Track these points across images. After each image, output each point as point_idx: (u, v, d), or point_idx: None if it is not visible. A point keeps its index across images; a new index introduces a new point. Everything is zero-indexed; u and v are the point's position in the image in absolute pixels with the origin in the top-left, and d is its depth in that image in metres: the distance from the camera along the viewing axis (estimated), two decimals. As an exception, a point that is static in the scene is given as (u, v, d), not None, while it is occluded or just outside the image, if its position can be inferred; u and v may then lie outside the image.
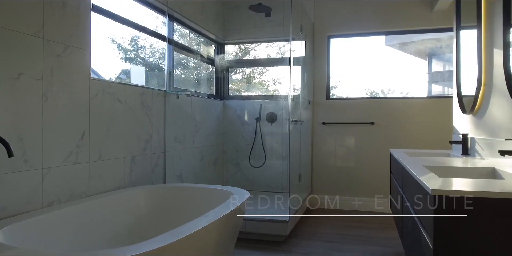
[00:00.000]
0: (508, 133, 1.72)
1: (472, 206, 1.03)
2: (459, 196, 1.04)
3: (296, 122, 3.05)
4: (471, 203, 1.03)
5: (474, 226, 1.03)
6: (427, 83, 3.92)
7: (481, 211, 1.03)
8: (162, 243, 1.22)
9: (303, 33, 3.34)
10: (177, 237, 1.29)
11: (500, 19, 1.78)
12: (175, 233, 1.34)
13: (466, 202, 1.03)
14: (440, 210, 1.05)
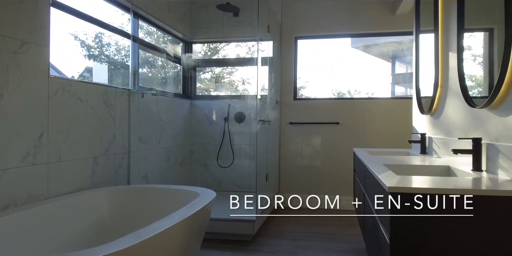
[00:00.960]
0: (462, 132, 1.81)
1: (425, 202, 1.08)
2: (413, 193, 1.09)
3: (264, 122, 3.07)
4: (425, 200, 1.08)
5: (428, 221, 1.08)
6: (391, 84, 4.06)
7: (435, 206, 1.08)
8: (124, 245, 1.20)
9: (271, 33, 3.37)
10: (140, 239, 1.27)
11: (454, 24, 1.88)
12: (138, 235, 1.32)
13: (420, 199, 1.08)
14: (395, 206, 1.09)
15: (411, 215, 1.08)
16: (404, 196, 1.09)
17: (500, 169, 1.33)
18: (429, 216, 1.08)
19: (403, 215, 1.09)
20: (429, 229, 1.08)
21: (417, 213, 1.08)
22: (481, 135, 1.56)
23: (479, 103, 1.54)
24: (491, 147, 1.41)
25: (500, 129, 1.39)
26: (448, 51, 2.04)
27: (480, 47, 1.72)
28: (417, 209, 1.08)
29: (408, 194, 1.09)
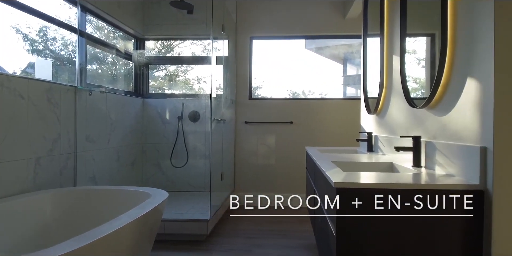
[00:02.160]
0: (404, 131, 1.92)
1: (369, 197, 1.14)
2: (358, 188, 1.14)
3: (219, 121, 3.06)
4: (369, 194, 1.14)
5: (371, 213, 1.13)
6: (343, 85, 4.21)
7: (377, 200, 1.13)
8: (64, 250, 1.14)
9: (226, 32, 3.37)
10: (83, 243, 1.21)
11: (398, 29, 1.99)
12: (82, 239, 1.26)
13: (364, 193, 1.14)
14: (342, 201, 1.14)
15: (356, 209, 1.14)
16: (349, 191, 1.14)
17: (437, 165, 1.44)
18: (373, 209, 1.13)
19: (349, 209, 1.14)
20: (372, 222, 1.13)
21: (361, 207, 1.14)
22: (421, 133, 1.67)
23: (419, 104, 1.64)
24: (429, 145, 1.52)
25: (437, 128, 1.49)
26: (392, 55, 2.16)
27: (424, 51, 1.84)
28: (361, 203, 1.14)
29: (353, 189, 1.14)
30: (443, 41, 1.39)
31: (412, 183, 1.15)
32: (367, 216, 1.13)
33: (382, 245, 1.13)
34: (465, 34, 1.26)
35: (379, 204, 1.13)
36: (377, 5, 2.40)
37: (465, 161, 1.20)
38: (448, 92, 1.39)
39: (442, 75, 1.41)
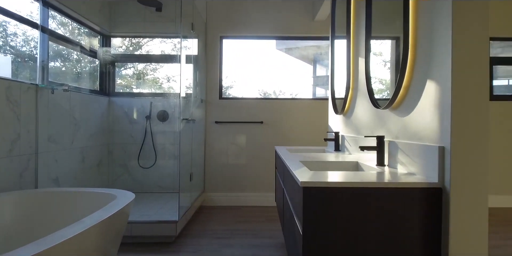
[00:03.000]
0: (368, 130, 1.98)
1: (334, 195, 1.16)
2: (324, 187, 1.16)
3: (188, 120, 3.03)
4: (334, 192, 1.16)
5: (336, 211, 1.16)
6: (312, 86, 4.28)
7: (343, 198, 1.16)
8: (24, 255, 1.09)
9: (195, 31, 3.33)
10: (43, 247, 1.17)
11: (363, 32, 2.05)
12: (43, 243, 1.21)
13: (329, 192, 1.16)
14: (308, 199, 1.16)
15: (322, 208, 1.16)
16: (315, 190, 1.16)
17: (399, 163, 1.49)
18: (338, 208, 1.16)
19: (315, 208, 1.16)
20: (338, 220, 1.16)
21: (327, 206, 1.16)
22: (384, 133, 1.73)
23: (382, 105, 1.70)
24: (392, 144, 1.57)
25: (399, 128, 1.55)
26: (358, 57, 2.22)
27: (389, 53, 1.90)
28: (327, 202, 1.16)
29: (319, 188, 1.16)
30: (405, 44, 1.44)
31: (375, 181, 1.18)
32: (333, 214, 1.16)
33: (347, 242, 1.16)
34: (425, 38, 1.32)
35: (344, 202, 1.16)
36: (345, 8, 2.46)
37: (425, 160, 1.26)
38: (410, 94, 1.44)
39: (404, 78, 1.47)
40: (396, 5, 1.54)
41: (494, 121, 3.69)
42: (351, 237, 1.16)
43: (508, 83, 4.15)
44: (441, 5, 1.20)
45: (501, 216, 3.31)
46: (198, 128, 3.53)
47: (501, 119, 3.69)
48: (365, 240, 1.16)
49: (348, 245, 1.16)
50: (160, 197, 3.45)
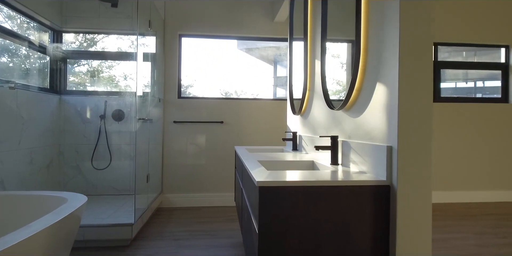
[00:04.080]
0: (324, 130, 2.04)
1: (289, 193, 1.19)
2: (279, 186, 1.18)
3: (145, 120, 2.95)
4: (289, 191, 1.19)
5: (291, 210, 1.18)
6: (273, 86, 4.33)
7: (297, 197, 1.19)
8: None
9: (153, 29, 3.26)
10: (-17, 255, 1.09)
11: (319, 35, 2.10)
12: (-18, 251, 1.13)
13: (284, 190, 1.18)
14: (264, 198, 1.18)
15: (278, 207, 1.18)
16: (271, 189, 1.18)
17: (352, 162, 1.55)
18: (293, 206, 1.19)
19: (270, 206, 1.18)
20: (293, 218, 1.19)
21: (283, 204, 1.18)
22: (338, 133, 1.79)
23: (337, 106, 1.76)
24: (345, 144, 1.63)
25: (352, 128, 1.61)
26: (315, 59, 2.27)
27: (345, 56, 1.96)
28: (282, 200, 1.18)
29: (275, 187, 1.18)
30: (357, 48, 1.50)
31: (328, 180, 1.22)
32: (288, 213, 1.18)
33: (302, 240, 1.19)
34: (375, 42, 1.38)
35: (299, 201, 1.19)
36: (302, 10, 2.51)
37: (375, 159, 1.32)
38: (361, 96, 1.50)
39: (356, 80, 1.53)
40: (349, 9, 1.60)
41: (442, 121, 3.93)
42: (306, 235, 1.19)
43: (455, 86, 4.44)
44: (389, 11, 1.26)
45: (445, 211, 3.53)
46: (156, 128, 3.45)
47: (448, 119, 3.94)
48: (319, 238, 1.20)
49: (303, 243, 1.19)
50: (115, 199, 3.34)
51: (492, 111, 3.99)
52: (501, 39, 4.02)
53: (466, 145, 3.95)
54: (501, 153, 3.98)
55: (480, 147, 3.96)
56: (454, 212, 3.48)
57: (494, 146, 3.97)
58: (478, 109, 3.97)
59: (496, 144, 3.97)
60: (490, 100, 4.11)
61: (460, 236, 2.73)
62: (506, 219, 3.21)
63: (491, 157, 3.96)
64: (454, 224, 3.04)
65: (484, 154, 3.96)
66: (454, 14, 3.97)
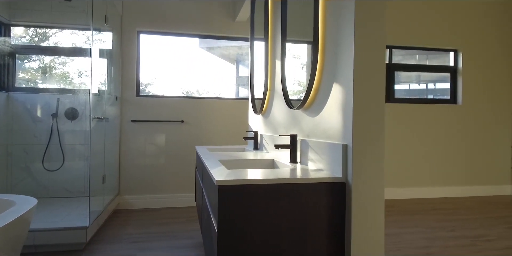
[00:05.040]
0: (284, 129, 2.07)
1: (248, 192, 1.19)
2: (239, 184, 1.18)
3: (100, 119, 2.84)
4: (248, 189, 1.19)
5: (251, 208, 1.19)
6: (235, 85, 4.32)
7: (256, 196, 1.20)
8: None
9: (109, 24, 3.14)
10: None
11: (279, 35, 2.13)
12: None
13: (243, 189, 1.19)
14: (223, 197, 1.18)
15: (237, 205, 1.18)
16: (230, 188, 1.18)
17: (310, 160, 1.58)
18: (253, 205, 1.19)
19: (230, 205, 1.18)
20: (252, 216, 1.19)
21: (242, 203, 1.19)
22: (297, 132, 1.82)
23: (296, 105, 1.79)
24: (304, 142, 1.66)
25: (310, 127, 1.65)
26: (275, 59, 2.30)
27: (306, 56, 1.99)
28: (242, 199, 1.19)
29: (234, 186, 1.18)
30: (315, 49, 1.54)
31: (287, 178, 1.24)
32: (248, 211, 1.19)
33: (261, 238, 1.20)
34: (332, 44, 1.42)
35: (258, 199, 1.20)
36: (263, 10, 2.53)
37: (331, 157, 1.36)
38: (319, 95, 1.54)
39: (314, 80, 1.56)
40: (308, 11, 1.63)
41: (395, 121, 4.12)
42: (265, 232, 1.20)
43: (409, 88, 4.67)
44: (345, 13, 1.30)
45: (398, 206, 3.71)
46: (112, 127, 3.33)
47: (401, 119, 4.14)
48: (279, 235, 1.21)
49: (263, 240, 1.20)
50: (69, 202, 3.19)
51: (442, 111, 4.23)
52: (451, 43, 4.28)
53: (417, 144, 4.17)
54: (449, 152, 4.24)
55: (430, 145, 4.19)
56: (406, 207, 3.66)
57: (442, 145, 4.22)
58: (429, 109, 4.21)
59: (444, 143, 4.23)
60: (440, 101, 4.36)
61: (412, 230, 2.87)
62: (452, 213, 3.43)
63: (440, 155, 4.21)
64: (406, 219, 3.20)
65: (434, 152, 4.20)
66: (408, 19, 4.17)
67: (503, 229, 2.90)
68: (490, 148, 4.34)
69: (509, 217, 3.29)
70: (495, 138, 4.36)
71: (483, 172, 4.32)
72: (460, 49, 4.31)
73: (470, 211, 3.52)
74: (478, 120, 4.32)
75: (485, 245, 2.51)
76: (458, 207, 3.67)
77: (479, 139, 4.32)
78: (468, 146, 4.29)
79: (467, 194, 4.25)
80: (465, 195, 4.24)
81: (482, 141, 4.33)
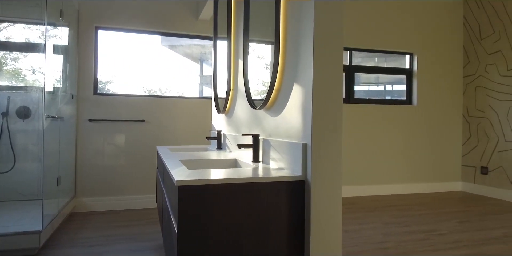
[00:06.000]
0: (247, 129, 2.08)
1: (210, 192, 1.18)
2: (199, 184, 1.17)
3: (54, 118, 2.71)
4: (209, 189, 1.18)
5: (211, 208, 1.18)
6: (199, 85, 4.27)
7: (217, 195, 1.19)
8: None
9: (65, 19, 3.00)
10: None
11: (242, 35, 2.13)
12: None
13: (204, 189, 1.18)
14: (184, 198, 1.16)
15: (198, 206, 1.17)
16: (190, 188, 1.16)
17: (272, 159, 1.60)
18: (213, 205, 1.19)
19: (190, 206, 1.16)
20: (213, 217, 1.18)
21: (203, 203, 1.18)
22: (260, 132, 1.84)
23: (258, 105, 1.80)
24: (266, 142, 1.68)
25: (272, 127, 1.66)
26: (238, 59, 2.30)
27: (269, 57, 2.00)
28: (202, 199, 1.18)
29: (194, 186, 1.17)
30: (276, 50, 1.55)
31: (247, 177, 1.24)
32: (208, 212, 1.18)
33: (223, 238, 1.19)
34: (293, 46, 1.45)
35: (219, 199, 1.19)
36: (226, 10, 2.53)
37: (292, 156, 1.38)
38: (280, 96, 1.56)
39: (276, 80, 1.58)
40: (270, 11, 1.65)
41: (355, 121, 4.25)
42: (226, 232, 1.20)
43: (368, 89, 4.84)
44: (305, 15, 1.33)
45: (357, 204, 3.84)
46: (68, 127, 3.18)
47: (360, 119, 4.27)
48: (240, 234, 1.22)
49: (224, 240, 1.20)
50: (21, 205, 3.01)
51: (398, 112, 4.43)
52: (407, 47, 4.48)
53: (376, 143, 4.33)
54: (405, 151, 4.44)
55: (387, 145, 4.37)
56: (366, 204, 3.79)
57: (399, 144, 4.42)
58: (386, 110, 4.38)
59: (401, 142, 4.42)
60: (397, 102, 4.56)
61: (370, 226, 2.98)
62: (407, 209, 3.59)
63: (396, 154, 4.40)
64: (365, 216, 3.31)
65: (391, 151, 4.38)
66: (368, 23, 4.32)
67: (454, 223, 3.08)
68: (442, 147, 4.60)
69: (460, 212, 3.50)
70: (447, 137, 4.62)
71: (436, 170, 4.56)
72: (415, 52, 4.52)
73: (424, 207, 3.70)
74: (432, 120, 4.56)
75: (437, 239, 2.65)
76: (412, 203, 3.85)
77: (432, 139, 4.56)
78: (422, 145, 4.51)
79: (420, 191, 4.48)
80: (419, 192, 4.47)
81: (435, 141, 4.57)
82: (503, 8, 4.15)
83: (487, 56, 4.33)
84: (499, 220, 3.20)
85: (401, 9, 4.44)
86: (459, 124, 4.69)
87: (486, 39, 4.35)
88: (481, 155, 4.39)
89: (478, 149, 4.44)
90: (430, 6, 4.56)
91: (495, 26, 4.23)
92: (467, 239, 2.64)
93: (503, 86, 4.14)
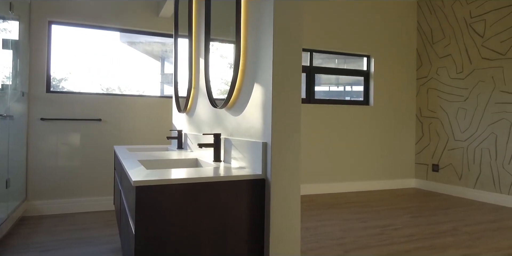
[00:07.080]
0: (208, 128, 2.06)
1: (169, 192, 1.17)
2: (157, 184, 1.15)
3: (3, 117, 2.55)
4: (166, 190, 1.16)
5: (170, 209, 1.17)
6: (161, 83, 4.18)
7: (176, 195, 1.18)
8: None
9: (15, 13, 2.83)
10: None
11: (203, 34, 2.12)
12: None
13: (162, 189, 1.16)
14: (141, 198, 1.13)
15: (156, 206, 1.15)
16: (148, 188, 1.14)
17: (233, 159, 1.60)
18: (171, 205, 1.17)
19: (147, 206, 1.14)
20: (172, 217, 1.17)
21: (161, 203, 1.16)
22: (221, 131, 1.83)
23: (219, 104, 1.80)
24: (227, 141, 1.68)
25: (233, 126, 1.67)
26: (199, 57, 2.28)
27: (232, 56, 1.99)
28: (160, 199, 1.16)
29: (152, 186, 1.14)
30: (237, 49, 1.56)
31: (207, 176, 1.24)
32: (167, 212, 1.16)
33: (182, 238, 1.18)
34: (254, 46, 1.46)
35: (178, 199, 1.18)
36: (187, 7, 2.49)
37: (252, 155, 1.39)
38: (241, 95, 1.57)
39: (237, 80, 1.58)
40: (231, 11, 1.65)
41: (315, 121, 4.35)
42: (186, 233, 1.19)
43: (329, 89, 4.97)
44: (265, 15, 1.34)
45: (316, 201, 3.93)
46: (18, 126, 3.00)
47: (320, 119, 4.38)
48: (199, 235, 1.21)
49: (183, 241, 1.18)
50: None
51: (356, 112, 4.58)
52: (364, 49, 4.65)
53: (335, 142, 4.46)
54: (362, 149, 4.60)
55: (346, 144, 4.51)
56: (325, 202, 3.89)
57: (357, 143, 4.57)
58: (345, 110, 4.52)
59: (358, 142, 4.58)
60: (355, 103, 4.72)
61: (329, 223, 3.07)
62: (365, 206, 3.73)
63: (354, 152, 4.56)
64: (324, 213, 3.40)
65: (349, 150, 4.53)
66: (328, 26, 4.43)
67: (407, 218, 3.24)
68: (397, 146, 4.82)
69: (413, 207, 3.68)
70: (401, 136, 4.85)
71: (391, 167, 4.77)
72: (372, 54, 4.70)
73: (379, 203, 3.86)
74: (387, 120, 4.76)
75: (392, 233, 2.78)
76: (369, 200, 4.00)
77: (387, 138, 4.76)
78: (378, 144, 4.71)
79: (377, 188, 4.66)
80: (376, 189, 4.65)
81: (390, 140, 4.78)
82: (453, 14, 4.41)
83: (439, 59, 4.59)
84: (448, 214, 3.40)
85: (360, 12, 4.60)
86: (413, 124, 4.93)
87: (438, 43, 4.61)
88: (433, 153, 4.65)
89: (430, 148, 4.70)
90: (387, 10, 4.76)
91: (446, 31, 4.50)
92: (419, 233, 2.79)
93: (452, 88, 4.41)
